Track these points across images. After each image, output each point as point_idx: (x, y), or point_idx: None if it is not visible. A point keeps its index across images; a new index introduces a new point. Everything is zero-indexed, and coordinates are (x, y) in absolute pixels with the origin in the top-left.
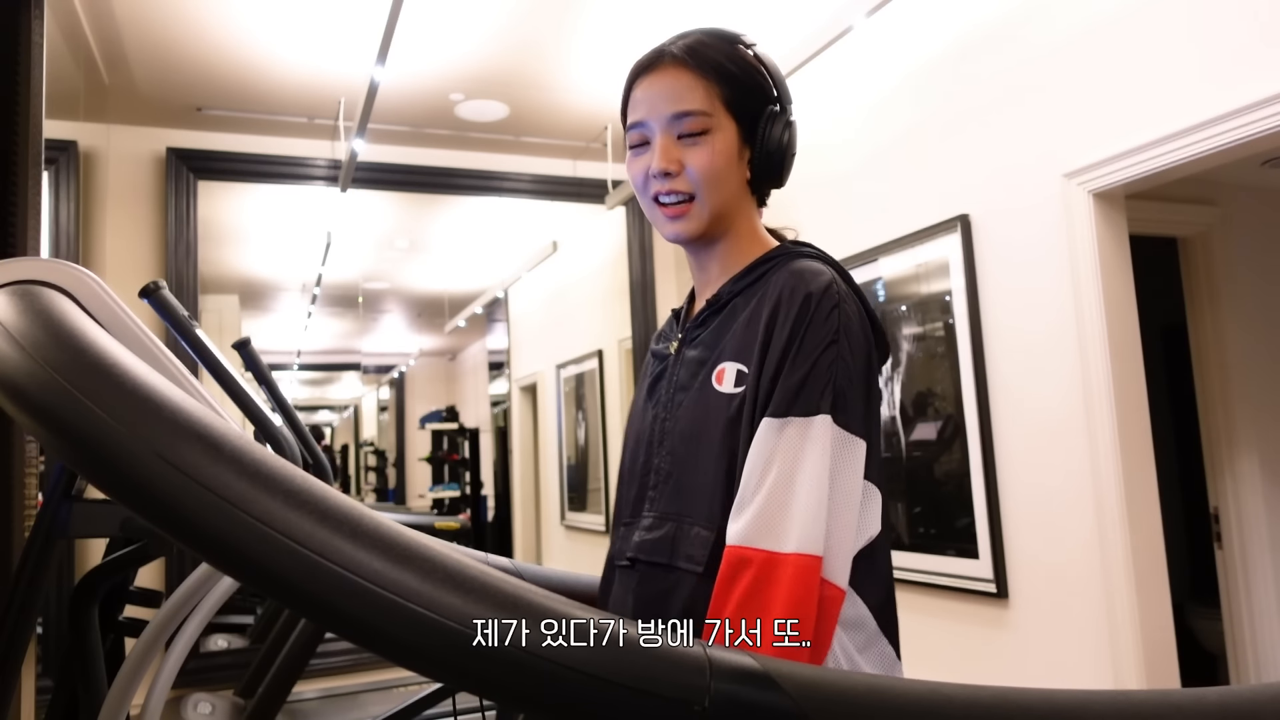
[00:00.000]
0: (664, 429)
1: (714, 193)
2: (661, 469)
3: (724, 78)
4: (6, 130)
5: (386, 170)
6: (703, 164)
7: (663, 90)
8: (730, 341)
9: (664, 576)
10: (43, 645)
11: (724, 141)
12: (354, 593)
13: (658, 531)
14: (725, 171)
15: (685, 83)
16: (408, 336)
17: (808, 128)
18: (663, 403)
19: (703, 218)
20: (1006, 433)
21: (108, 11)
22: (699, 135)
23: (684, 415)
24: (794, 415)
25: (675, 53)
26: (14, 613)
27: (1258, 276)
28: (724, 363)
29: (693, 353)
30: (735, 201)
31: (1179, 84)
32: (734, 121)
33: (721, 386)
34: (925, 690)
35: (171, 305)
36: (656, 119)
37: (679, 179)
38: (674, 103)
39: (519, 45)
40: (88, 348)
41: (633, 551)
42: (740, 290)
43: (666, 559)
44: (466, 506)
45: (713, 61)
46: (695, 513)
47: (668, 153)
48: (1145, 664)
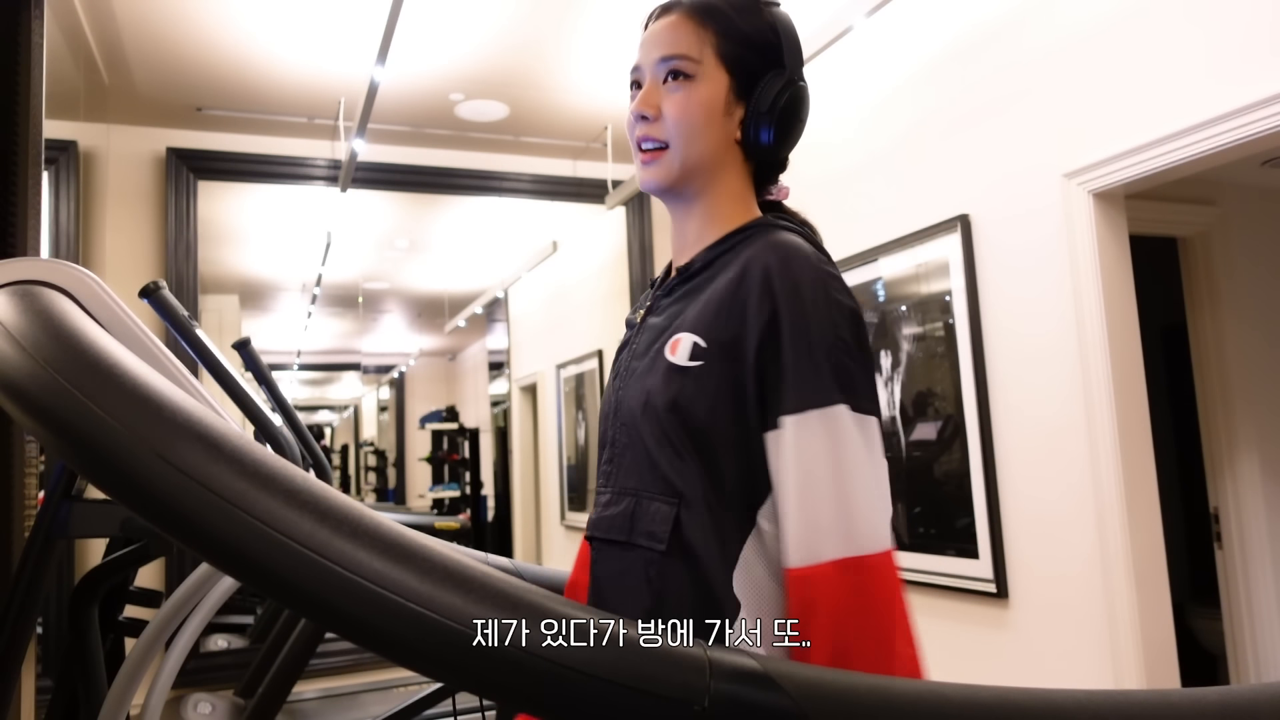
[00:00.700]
0: (619, 399)
1: (688, 142)
2: (619, 441)
3: (725, 29)
4: (6, 130)
5: (386, 170)
6: (676, 110)
7: (659, 35)
8: (692, 312)
9: (621, 555)
10: (43, 645)
11: (707, 91)
12: (354, 593)
13: (615, 508)
14: (703, 121)
15: (681, 28)
16: (408, 336)
17: (808, 127)
18: (621, 373)
19: (673, 167)
20: (1006, 433)
21: (108, 11)
22: (681, 80)
23: (635, 384)
24: (812, 408)
25: (685, 2)
26: (14, 613)
27: (1258, 276)
28: (681, 333)
29: (655, 320)
30: (716, 158)
31: (1179, 84)
32: (727, 74)
33: (674, 357)
34: (925, 690)
35: (171, 305)
36: (647, 62)
37: (655, 124)
38: (664, 46)
39: (519, 45)
40: (88, 348)
41: (591, 529)
42: (712, 260)
43: (625, 536)
44: (466, 506)
45: (718, 12)
46: (652, 486)
47: (649, 96)
48: (1145, 664)
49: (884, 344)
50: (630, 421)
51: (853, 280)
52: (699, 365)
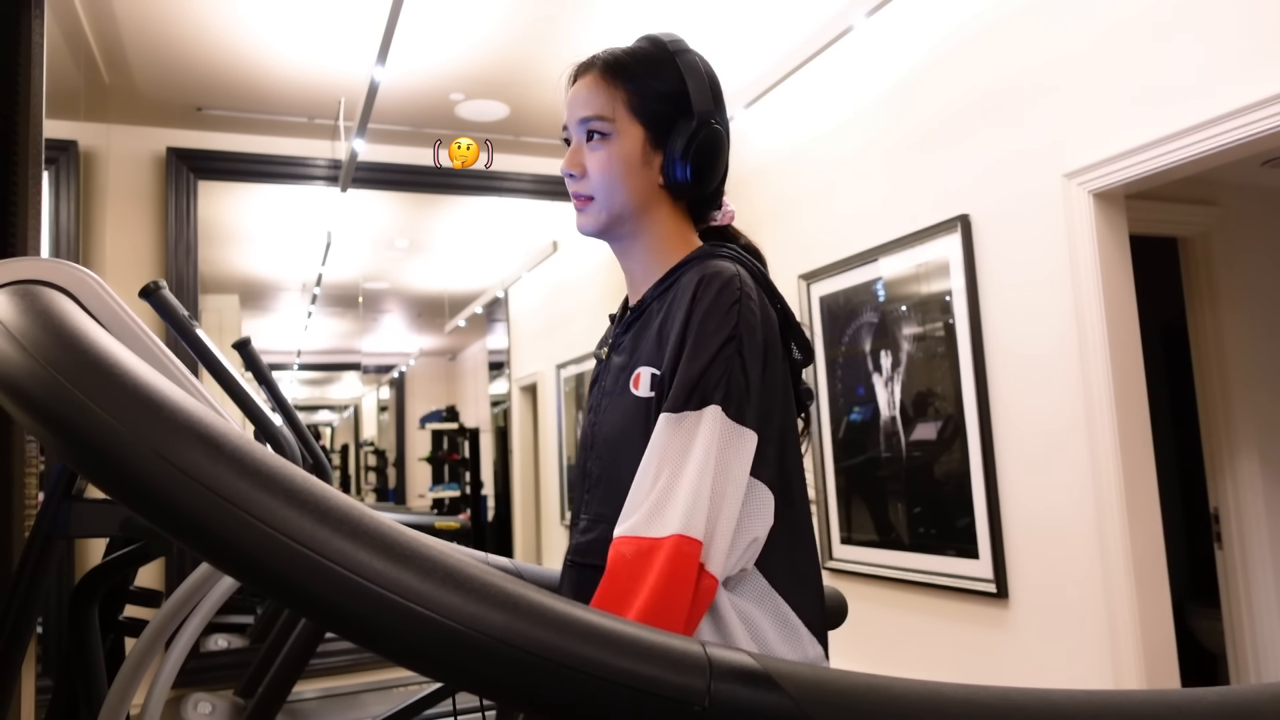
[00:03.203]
0: (593, 433)
1: (609, 194)
2: (593, 472)
3: (635, 86)
4: (6, 130)
5: (386, 170)
6: (597, 167)
7: (578, 96)
8: (645, 346)
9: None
10: (43, 645)
11: (623, 146)
12: (354, 593)
13: (591, 534)
14: (621, 174)
15: (594, 90)
16: (408, 336)
17: (808, 128)
18: (594, 408)
19: (600, 218)
20: (1006, 433)
21: (108, 11)
22: (599, 139)
23: (607, 420)
24: (688, 409)
25: (596, 62)
26: (14, 613)
27: (1258, 277)
28: (640, 367)
29: (617, 359)
30: (642, 203)
31: (1179, 84)
32: (641, 127)
33: (638, 391)
34: (925, 690)
35: (171, 305)
36: (571, 123)
37: (582, 181)
38: (581, 108)
39: (519, 45)
40: (88, 348)
41: (570, 554)
42: (660, 294)
43: (598, 560)
44: (466, 506)
45: (626, 69)
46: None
47: (573, 156)
48: (1145, 664)
49: (884, 344)
50: (605, 454)
51: (853, 280)
52: (658, 395)
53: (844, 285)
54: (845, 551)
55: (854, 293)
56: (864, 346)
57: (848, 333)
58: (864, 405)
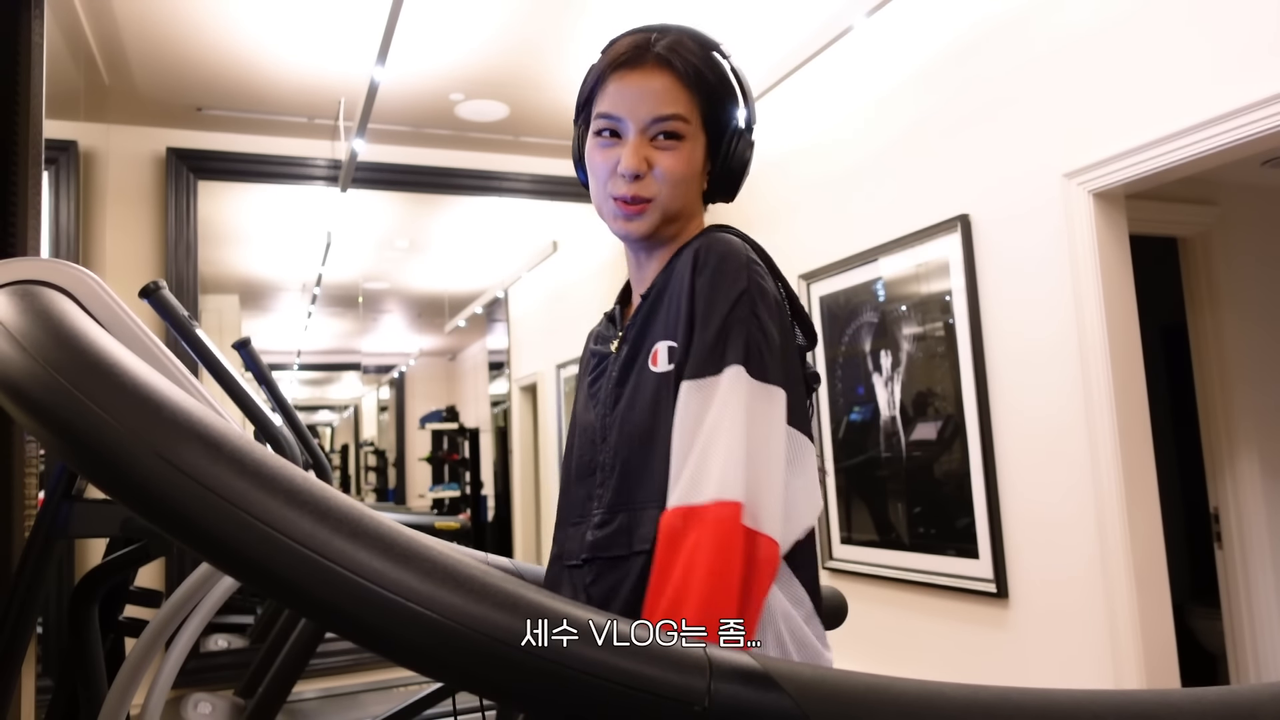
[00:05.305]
0: (605, 424)
1: (673, 199)
2: (606, 464)
3: (703, 88)
4: (6, 130)
5: (386, 170)
6: (674, 169)
7: (645, 90)
8: (659, 323)
9: (619, 568)
10: (43, 645)
11: (695, 152)
12: (354, 593)
13: (609, 527)
14: (689, 180)
15: (668, 86)
16: (408, 336)
17: (808, 128)
18: (603, 400)
19: (655, 220)
20: (1006, 433)
21: (108, 11)
22: (675, 140)
23: (625, 404)
24: (708, 374)
25: (660, 53)
26: (14, 613)
27: (1258, 276)
28: (657, 344)
29: (629, 348)
30: (691, 210)
31: (1179, 84)
32: (705, 135)
33: (657, 367)
34: (925, 690)
35: (171, 305)
36: (634, 119)
37: (644, 182)
38: (656, 106)
39: (519, 45)
40: (88, 348)
41: (587, 551)
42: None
43: (625, 550)
44: (466, 506)
45: (694, 68)
46: (646, 497)
47: (639, 152)
48: (1145, 664)
49: (884, 344)
50: (621, 440)
51: (853, 280)
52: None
53: (844, 285)
54: (845, 551)
55: (854, 292)
56: (864, 346)
57: (848, 332)
58: (864, 405)
